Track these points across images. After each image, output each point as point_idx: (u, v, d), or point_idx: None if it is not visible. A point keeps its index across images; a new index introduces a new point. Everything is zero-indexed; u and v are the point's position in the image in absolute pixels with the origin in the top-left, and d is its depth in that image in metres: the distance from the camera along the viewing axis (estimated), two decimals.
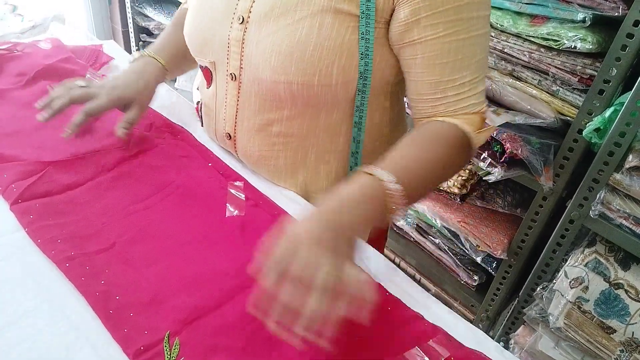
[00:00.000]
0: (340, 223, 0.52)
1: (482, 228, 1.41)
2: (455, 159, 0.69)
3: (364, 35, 0.64)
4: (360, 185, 0.57)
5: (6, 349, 0.49)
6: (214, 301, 0.56)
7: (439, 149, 0.66)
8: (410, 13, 0.62)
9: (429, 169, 0.64)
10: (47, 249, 0.60)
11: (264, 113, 0.72)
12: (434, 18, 0.62)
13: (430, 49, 0.64)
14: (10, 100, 0.87)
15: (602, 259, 1.13)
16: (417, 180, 0.61)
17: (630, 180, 1.02)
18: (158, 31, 2.40)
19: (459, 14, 0.62)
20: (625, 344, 1.12)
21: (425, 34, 0.63)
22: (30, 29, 2.02)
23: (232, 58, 0.71)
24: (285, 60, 0.65)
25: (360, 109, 0.71)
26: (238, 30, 0.69)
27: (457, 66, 0.65)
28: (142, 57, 0.85)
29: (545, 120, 1.14)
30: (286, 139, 0.74)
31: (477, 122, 0.69)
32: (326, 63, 0.64)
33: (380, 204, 0.56)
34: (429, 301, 0.61)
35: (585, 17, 1.02)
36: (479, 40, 0.65)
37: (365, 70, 0.66)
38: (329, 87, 0.66)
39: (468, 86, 0.66)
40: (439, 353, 0.52)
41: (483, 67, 0.68)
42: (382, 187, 0.56)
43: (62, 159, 0.74)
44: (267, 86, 0.68)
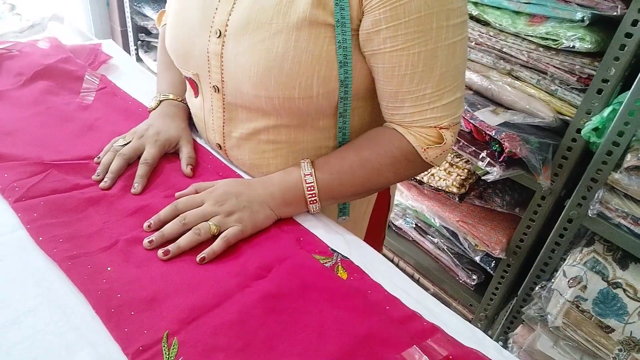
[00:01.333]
0: (248, 195, 0.67)
1: (480, 227, 1.41)
2: (392, 168, 0.69)
3: (342, 43, 0.63)
4: (284, 172, 0.71)
5: (6, 348, 0.49)
6: (213, 301, 0.56)
7: (370, 155, 0.69)
8: (371, 23, 0.61)
9: (352, 172, 0.69)
10: (49, 248, 0.60)
11: (250, 122, 0.72)
12: (394, 30, 0.60)
13: (389, 60, 0.63)
14: (9, 100, 0.87)
15: (601, 258, 1.14)
16: (334, 179, 0.69)
17: (628, 179, 1.03)
18: (156, 30, 2.40)
19: (422, 25, 0.60)
20: (624, 343, 1.12)
21: (385, 45, 0.62)
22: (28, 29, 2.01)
23: (213, 71, 0.71)
24: (264, 76, 0.64)
25: (344, 115, 0.71)
26: (216, 44, 0.68)
27: (417, 78, 0.64)
28: (161, 102, 0.85)
29: (543, 119, 1.14)
30: (275, 145, 0.73)
31: (431, 136, 0.68)
32: (305, 76, 0.64)
33: (294, 192, 0.68)
34: (428, 300, 0.61)
35: (584, 16, 1.02)
36: (445, 51, 0.62)
37: (345, 79, 0.66)
38: (310, 99, 0.66)
39: (428, 99, 0.65)
40: (437, 352, 0.52)
41: (451, 79, 0.65)
42: (299, 177, 0.68)
43: (65, 162, 0.74)
44: (250, 99, 0.68)
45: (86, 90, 0.93)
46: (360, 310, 0.56)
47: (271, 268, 0.61)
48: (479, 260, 1.47)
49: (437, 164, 0.72)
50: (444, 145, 0.69)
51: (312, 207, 0.69)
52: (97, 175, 0.72)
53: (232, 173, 0.78)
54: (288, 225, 0.69)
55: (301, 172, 0.69)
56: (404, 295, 0.60)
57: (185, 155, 0.78)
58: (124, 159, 0.74)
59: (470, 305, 1.54)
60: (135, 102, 0.92)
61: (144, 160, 0.74)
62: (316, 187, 0.68)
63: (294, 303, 0.56)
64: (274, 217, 0.68)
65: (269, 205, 0.67)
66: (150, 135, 0.78)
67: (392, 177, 0.71)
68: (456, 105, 0.68)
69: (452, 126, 0.69)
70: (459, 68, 0.66)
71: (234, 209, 0.65)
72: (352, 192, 0.71)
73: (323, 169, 0.69)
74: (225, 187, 0.68)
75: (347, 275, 0.62)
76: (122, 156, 0.74)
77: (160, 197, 0.71)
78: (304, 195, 0.68)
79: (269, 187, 0.69)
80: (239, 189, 0.68)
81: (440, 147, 0.69)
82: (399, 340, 0.53)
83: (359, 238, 0.70)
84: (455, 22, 0.62)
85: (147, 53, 2.52)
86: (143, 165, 0.74)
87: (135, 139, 0.77)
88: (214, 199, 0.66)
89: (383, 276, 0.63)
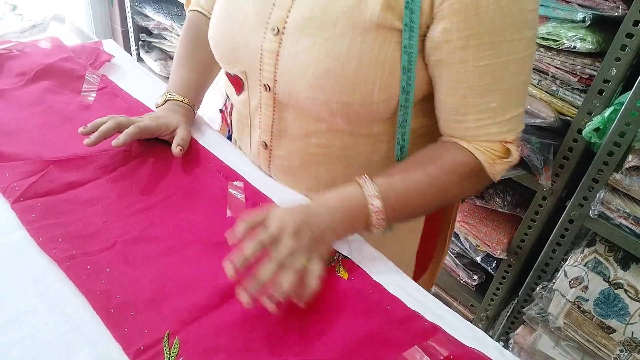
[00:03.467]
0: (319, 226, 0.59)
1: (481, 228, 1.41)
2: (459, 185, 0.66)
3: (407, 49, 0.60)
4: (344, 194, 0.63)
5: (6, 348, 0.49)
6: (214, 301, 0.56)
7: (437, 173, 0.65)
8: (442, 31, 0.58)
9: (418, 191, 0.64)
10: (48, 248, 0.60)
11: (301, 124, 0.69)
12: (466, 40, 0.58)
13: (456, 71, 0.60)
14: (10, 100, 0.87)
15: (602, 259, 1.13)
16: (401, 200, 0.64)
17: (629, 180, 1.02)
18: (158, 30, 2.40)
19: (495, 36, 0.57)
20: (625, 344, 1.12)
21: (453, 56, 0.59)
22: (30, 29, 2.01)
23: (265, 70, 0.67)
24: (323, 78, 0.61)
25: (404, 125, 0.67)
26: (272, 41, 0.65)
27: (483, 91, 0.61)
28: (168, 101, 0.84)
29: (545, 120, 1.14)
30: (326, 150, 0.70)
31: (496, 151, 0.65)
32: (367, 81, 0.61)
33: (358, 215, 0.62)
34: (429, 300, 0.61)
35: (585, 17, 1.02)
36: (514, 65, 0.60)
37: (407, 85, 0.63)
38: (370, 105, 0.63)
39: (492, 112, 0.62)
40: (438, 352, 0.52)
41: (517, 93, 0.63)
42: (364, 199, 0.62)
43: (64, 158, 0.74)
44: (304, 102, 0.65)
45: (87, 90, 0.93)
46: (360, 310, 0.56)
47: None
48: (480, 261, 1.46)
49: (497, 179, 0.69)
50: (511, 160, 0.66)
51: (375, 229, 0.63)
52: (84, 127, 0.71)
53: (233, 173, 0.78)
54: None
55: (365, 194, 0.62)
56: (404, 295, 0.60)
57: (178, 136, 0.77)
58: (116, 122, 0.73)
59: (471, 306, 1.54)
60: (136, 102, 0.92)
61: (136, 125, 0.73)
62: (383, 210, 0.62)
63: (295, 303, 0.56)
64: (336, 239, 0.63)
65: (337, 232, 0.61)
66: (151, 116, 0.79)
67: (458, 194, 0.68)
68: (519, 120, 0.65)
69: (516, 140, 0.66)
70: (526, 82, 0.64)
71: (311, 243, 0.58)
72: (416, 212, 0.68)
73: (388, 189, 0.63)
74: (293, 218, 0.58)
75: (347, 275, 0.61)
76: (115, 120, 0.73)
77: (159, 197, 0.71)
78: (367, 218, 0.62)
79: (332, 213, 0.61)
80: (307, 219, 0.59)
81: (507, 162, 0.66)
82: (399, 340, 0.53)
83: (362, 239, 0.70)
84: (527, 35, 0.59)
85: (148, 53, 2.52)
86: (134, 127, 0.73)
87: (135, 117, 0.77)
88: (291, 232, 0.57)
89: (384, 276, 0.63)
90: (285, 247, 0.56)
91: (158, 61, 2.47)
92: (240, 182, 0.76)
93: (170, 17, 2.27)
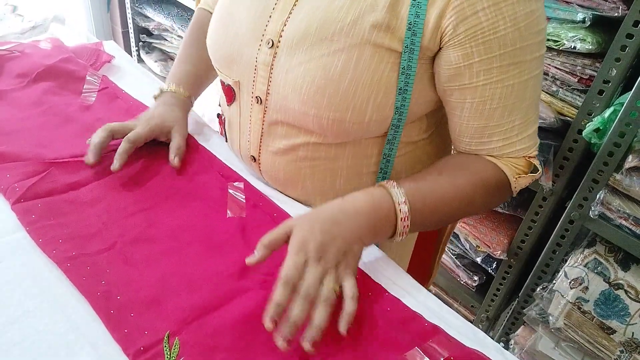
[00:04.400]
0: (343, 236, 0.56)
1: (481, 228, 1.41)
2: (484, 198, 0.66)
3: (405, 70, 0.60)
4: (372, 197, 0.61)
5: (6, 348, 0.49)
6: (214, 301, 0.56)
7: (465, 184, 0.65)
8: (462, 57, 0.59)
9: (445, 200, 0.64)
10: (48, 249, 0.60)
11: (290, 138, 0.69)
12: (488, 63, 0.58)
13: (481, 94, 0.61)
14: (11, 101, 0.87)
15: (602, 260, 1.13)
16: (428, 208, 0.63)
17: (630, 180, 1.02)
18: (158, 31, 2.40)
19: (515, 57, 0.58)
20: (625, 345, 1.12)
21: (478, 79, 0.60)
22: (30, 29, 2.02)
23: (259, 82, 0.67)
24: (317, 94, 0.61)
25: (392, 142, 0.67)
26: (267, 54, 0.64)
27: (507, 111, 0.62)
28: (165, 92, 0.84)
29: (545, 120, 1.14)
30: (313, 162, 0.70)
31: (521, 166, 0.67)
32: (361, 100, 0.61)
33: (385, 221, 0.60)
34: (429, 301, 0.61)
35: (585, 17, 1.02)
36: (532, 82, 0.62)
37: (402, 106, 0.63)
38: (362, 124, 0.63)
39: (517, 130, 0.64)
40: (439, 353, 0.52)
41: (535, 108, 0.65)
42: (392, 204, 0.60)
43: (64, 159, 0.74)
44: (295, 116, 0.65)
45: (88, 91, 0.93)
46: (360, 311, 0.56)
47: (273, 270, 0.60)
48: (480, 261, 1.46)
49: (516, 193, 0.70)
50: (535, 175, 0.68)
51: (399, 237, 0.62)
52: (87, 156, 0.71)
53: (233, 174, 0.78)
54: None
55: (394, 201, 0.60)
56: (405, 296, 0.60)
57: (174, 146, 0.77)
58: (107, 131, 0.72)
59: (472, 306, 1.54)
60: (137, 103, 0.92)
61: (127, 138, 0.72)
62: (409, 217, 0.61)
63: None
64: (363, 246, 0.60)
65: (362, 239, 0.58)
66: (143, 118, 0.77)
67: (481, 207, 0.68)
68: (536, 134, 0.67)
69: (536, 155, 0.68)
70: (539, 98, 0.65)
71: (338, 258, 0.55)
72: (441, 220, 0.67)
73: (415, 196, 0.62)
74: (314, 236, 0.55)
75: None
76: (106, 129, 0.72)
77: (160, 198, 0.71)
78: (394, 225, 0.61)
79: (356, 219, 0.58)
80: (330, 231, 0.56)
81: (531, 176, 0.67)
82: (400, 341, 0.53)
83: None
84: (540, 54, 0.61)
85: (148, 54, 2.52)
86: (125, 142, 0.72)
87: (130, 121, 0.76)
88: (314, 255, 0.54)
89: (384, 277, 0.63)
90: (311, 277, 0.53)
91: (158, 62, 2.47)
92: (240, 183, 0.76)
93: (170, 18, 2.27)
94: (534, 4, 0.58)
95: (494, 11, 0.56)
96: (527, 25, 0.57)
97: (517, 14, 0.56)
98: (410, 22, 0.57)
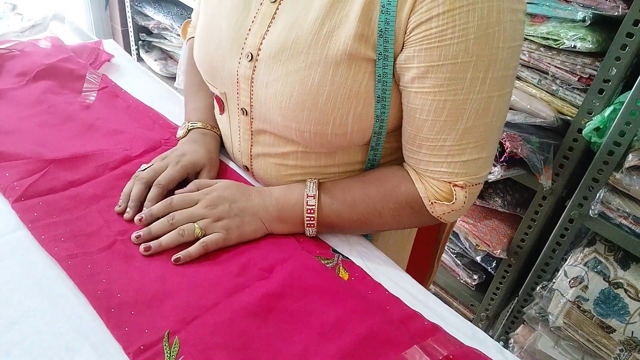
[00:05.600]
0: (243, 204, 0.66)
1: (481, 227, 1.41)
2: (394, 212, 0.65)
3: (381, 77, 0.59)
4: (287, 187, 0.68)
5: (6, 348, 0.49)
6: (214, 300, 0.56)
7: (375, 194, 0.65)
8: (405, 58, 0.57)
9: (353, 206, 0.65)
10: (50, 247, 0.60)
11: (278, 147, 0.69)
12: (425, 71, 0.56)
13: (413, 101, 0.59)
14: (11, 100, 0.87)
15: (602, 258, 1.13)
16: (335, 208, 0.65)
17: (629, 179, 1.02)
18: (158, 30, 2.40)
19: (455, 72, 0.55)
20: (625, 344, 1.12)
21: (412, 85, 0.58)
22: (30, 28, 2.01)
23: (242, 95, 0.67)
24: (297, 109, 0.61)
25: (375, 148, 0.67)
26: (247, 67, 0.64)
27: (438, 127, 0.58)
28: (190, 131, 0.79)
29: (545, 119, 1.14)
30: (303, 170, 0.70)
31: (442, 191, 0.62)
32: (341, 113, 0.60)
33: (292, 209, 0.66)
34: (429, 300, 0.61)
35: (585, 16, 1.02)
36: (476, 105, 0.56)
37: (382, 114, 0.62)
38: (344, 135, 0.63)
39: (447, 151, 0.60)
40: (438, 352, 0.52)
41: (479, 136, 0.59)
42: (302, 196, 0.65)
43: (65, 157, 0.74)
44: (279, 128, 0.65)
45: (87, 90, 0.93)
46: (360, 311, 0.56)
47: (272, 269, 0.61)
48: (480, 260, 1.47)
49: (447, 221, 0.67)
50: (452, 205, 0.62)
51: (308, 230, 0.66)
52: (119, 206, 0.67)
53: (233, 174, 0.77)
54: None
55: (305, 192, 0.66)
56: (404, 294, 0.60)
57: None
58: (142, 183, 0.68)
59: (471, 305, 1.54)
60: (136, 102, 0.92)
61: (158, 182, 0.69)
62: (316, 211, 0.65)
63: (295, 303, 0.56)
64: (264, 230, 0.65)
65: (262, 218, 0.65)
66: (173, 156, 0.73)
67: (391, 222, 0.66)
68: (479, 166, 0.61)
69: (470, 186, 0.62)
70: (491, 126, 0.59)
71: (224, 215, 0.64)
72: (349, 226, 0.67)
73: (327, 194, 0.66)
74: (221, 192, 0.66)
75: (348, 275, 0.62)
76: (141, 180, 0.69)
77: None
78: (301, 216, 0.65)
79: (266, 199, 0.66)
80: (236, 195, 0.66)
81: (448, 206, 0.63)
82: (399, 340, 0.53)
83: (366, 240, 0.70)
84: (495, 76, 0.55)
85: (148, 53, 2.52)
86: (155, 187, 0.68)
87: (158, 161, 0.72)
88: (208, 201, 0.65)
89: (384, 276, 0.63)
90: (188, 213, 0.63)
91: (158, 61, 2.47)
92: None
93: (170, 16, 2.27)
94: (496, 16, 0.53)
95: (447, 18, 0.53)
96: (478, 38, 0.53)
97: (468, 25, 0.52)
98: (381, 29, 0.56)
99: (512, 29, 0.55)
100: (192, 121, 0.80)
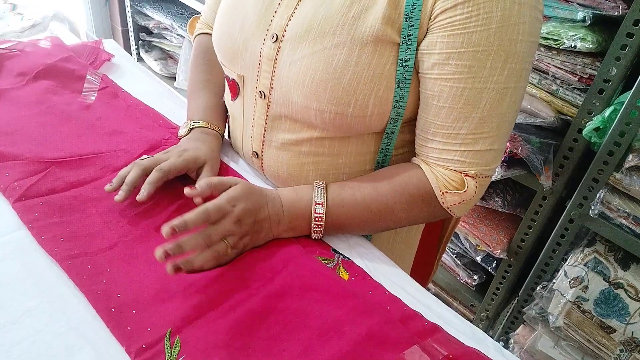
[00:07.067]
0: (263, 217, 0.63)
1: (481, 227, 1.41)
2: (407, 207, 0.65)
3: (403, 62, 0.60)
4: (297, 194, 0.66)
5: (6, 348, 0.49)
6: (215, 300, 0.56)
7: (387, 190, 0.65)
8: (427, 44, 0.58)
9: (364, 206, 0.65)
10: (50, 247, 0.60)
11: (293, 133, 0.69)
12: (446, 57, 0.57)
13: (432, 88, 0.60)
14: (11, 100, 0.87)
15: (602, 259, 1.13)
16: (346, 211, 0.65)
17: (630, 179, 1.02)
18: (158, 30, 2.40)
19: (475, 60, 0.56)
20: (625, 344, 1.12)
21: (432, 72, 0.59)
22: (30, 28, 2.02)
23: (263, 76, 0.67)
24: (319, 87, 0.61)
25: (390, 136, 0.67)
26: (271, 48, 0.65)
27: (454, 115, 0.60)
28: (192, 130, 0.79)
29: (545, 119, 1.14)
30: (316, 158, 0.70)
31: (453, 181, 0.63)
32: (363, 94, 0.61)
33: (301, 218, 0.65)
34: (429, 300, 0.61)
35: (585, 16, 1.02)
36: (493, 95, 0.58)
37: (400, 99, 0.62)
38: (364, 118, 0.63)
39: (461, 139, 0.61)
40: (438, 352, 0.52)
41: (493, 126, 0.60)
42: (310, 204, 0.64)
43: (65, 158, 0.74)
44: (298, 110, 0.65)
45: (88, 90, 0.93)
46: (361, 311, 0.56)
47: (273, 269, 0.61)
48: (480, 261, 1.46)
49: (457, 214, 0.67)
50: (463, 194, 0.63)
51: (314, 235, 0.66)
52: (111, 185, 0.67)
53: (233, 173, 0.77)
54: None
55: (312, 200, 0.65)
56: (405, 295, 0.60)
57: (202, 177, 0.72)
58: (140, 169, 0.68)
59: (472, 305, 1.54)
60: (136, 102, 0.92)
61: (160, 167, 0.68)
62: (324, 219, 0.64)
63: (296, 303, 0.56)
64: (272, 237, 0.65)
65: (275, 228, 0.64)
66: (176, 151, 0.73)
67: (404, 217, 0.66)
68: (491, 157, 0.62)
69: (480, 177, 0.63)
70: (505, 117, 0.60)
71: (249, 231, 0.61)
72: (359, 227, 0.67)
73: (335, 199, 0.65)
74: (245, 203, 0.61)
75: (348, 275, 0.62)
76: (140, 166, 0.68)
77: (161, 197, 0.71)
78: (309, 224, 0.65)
79: (277, 208, 0.64)
80: (256, 205, 0.62)
81: (459, 195, 0.63)
82: (399, 340, 0.53)
83: (366, 240, 0.70)
84: (513, 67, 0.57)
85: (148, 53, 2.52)
86: (157, 171, 0.68)
87: (160, 154, 0.72)
88: (237, 216, 0.60)
89: (384, 276, 0.63)
90: (222, 227, 0.59)
91: (158, 60, 2.47)
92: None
93: (170, 16, 2.27)
94: (517, 9, 0.55)
95: (471, 6, 0.55)
96: (499, 28, 0.55)
97: (492, 15, 0.55)
98: (407, 12, 0.58)
99: (532, 24, 0.57)
100: (195, 120, 0.80)
